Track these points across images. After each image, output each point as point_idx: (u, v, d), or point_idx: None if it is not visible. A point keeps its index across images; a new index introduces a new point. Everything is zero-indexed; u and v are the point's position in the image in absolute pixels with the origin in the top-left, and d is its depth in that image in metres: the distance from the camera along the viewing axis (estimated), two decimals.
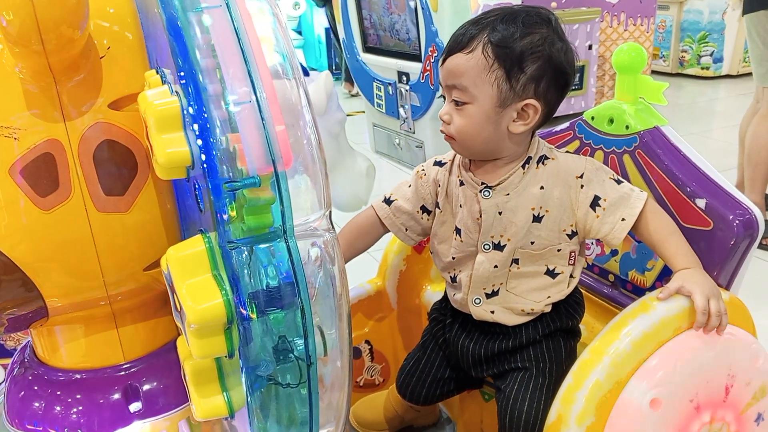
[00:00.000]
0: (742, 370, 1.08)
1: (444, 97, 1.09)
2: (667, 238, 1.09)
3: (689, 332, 1.03)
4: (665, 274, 1.23)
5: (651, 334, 1.02)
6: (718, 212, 1.10)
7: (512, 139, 1.06)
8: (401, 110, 3.38)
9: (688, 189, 1.13)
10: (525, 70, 1.02)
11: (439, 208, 1.17)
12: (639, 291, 1.29)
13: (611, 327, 1.04)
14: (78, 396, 0.97)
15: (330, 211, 0.73)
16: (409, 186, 1.21)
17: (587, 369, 1.02)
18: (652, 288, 1.26)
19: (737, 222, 1.08)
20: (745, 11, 2.67)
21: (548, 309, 1.14)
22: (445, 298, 1.28)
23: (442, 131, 1.09)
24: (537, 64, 1.02)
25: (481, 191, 1.09)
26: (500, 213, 1.09)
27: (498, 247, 1.10)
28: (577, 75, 4.38)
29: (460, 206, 1.13)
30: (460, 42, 1.04)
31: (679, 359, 1.02)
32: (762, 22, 2.59)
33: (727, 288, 1.12)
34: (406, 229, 1.21)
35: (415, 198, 1.20)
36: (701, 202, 1.12)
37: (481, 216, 1.09)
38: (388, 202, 1.21)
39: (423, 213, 1.20)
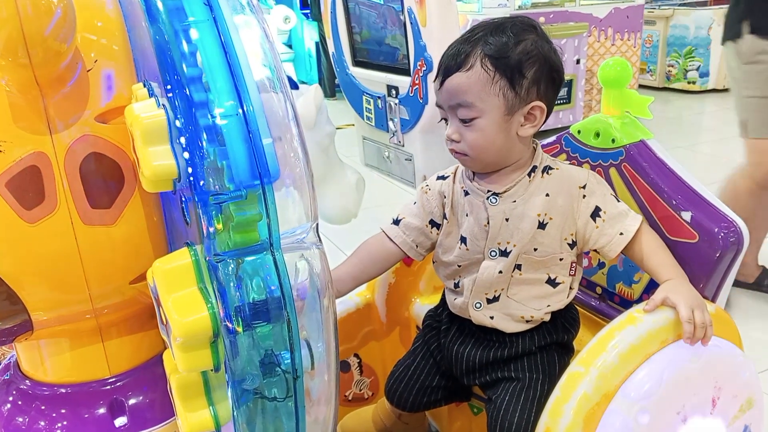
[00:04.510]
0: (728, 383, 1.09)
1: (445, 120, 1.11)
2: (655, 251, 1.11)
3: (676, 344, 1.04)
4: (652, 287, 1.23)
5: (638, 347, 1.02)
6: (704, 225, 1.11)
7: (522, 141, 1.10)
8: (390, 123, 3.39)
9: (674, 202, 1.14)
10: (525, 74, 1.05)
11: (446, 218, 1.19)
12: (626, 303, 1.29)
13: (598, 339, 1.05)
14: (63, 410, 0.97)
15: (317, 224, 0.73)
16: (415, 203, 1.23)
17: (575, 382, 1.02)
18: (639, 300, 1.27)
19: (722, 234, 1.09)
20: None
21: (548, 318, 1.15)
22: (440, 305, 1.28)
23: (452, 150, 1.11)
24: (535, 68, 1.06)
25: (488, 198, 1.11)
26: (507, 219, 1.10)
27: (504, 253, 1.12)
28: (565, 89, 4.42)
29: (466, 215, 1.15)
30: (455, 62, 1.06)
31: (666, 371, 1.02)
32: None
33: (713, 300, 1.13)
34: (417, 246, 1.22)
35: (422, 213, 1.21)
36: (687, 215, 1.12)
37: (488, 223, 1.11)
38: (396, 222, 1.23)
39: (432, 227, 1.21)
